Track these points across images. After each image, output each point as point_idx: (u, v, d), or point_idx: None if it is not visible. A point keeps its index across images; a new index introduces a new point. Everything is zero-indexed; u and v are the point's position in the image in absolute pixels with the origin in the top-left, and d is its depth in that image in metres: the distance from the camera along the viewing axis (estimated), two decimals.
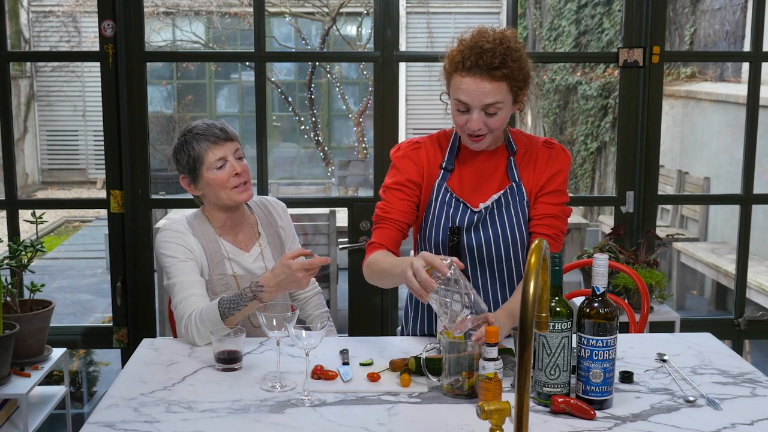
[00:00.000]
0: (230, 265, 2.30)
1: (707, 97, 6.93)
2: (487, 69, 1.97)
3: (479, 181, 2.15)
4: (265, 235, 2.40)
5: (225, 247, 2.32)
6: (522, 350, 1.33)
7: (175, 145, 2.31)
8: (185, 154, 2.27)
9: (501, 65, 1.98)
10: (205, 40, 11.75)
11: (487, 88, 1.98)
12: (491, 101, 1.99)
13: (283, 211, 2.49)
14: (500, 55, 1.97)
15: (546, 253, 1.46)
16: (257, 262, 2.35)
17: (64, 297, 6.62)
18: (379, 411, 1.72)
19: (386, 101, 3.35)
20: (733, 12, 7.17)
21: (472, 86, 1.99)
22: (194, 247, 2.26)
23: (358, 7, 10.86)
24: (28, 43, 11.89)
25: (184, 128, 2.33)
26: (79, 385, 4.51)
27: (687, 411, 1.73)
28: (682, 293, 6.19)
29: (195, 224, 2.31)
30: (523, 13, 10.60)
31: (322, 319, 2.50)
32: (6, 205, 3.37)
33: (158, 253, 2.26)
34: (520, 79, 2.02)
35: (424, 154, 2.18)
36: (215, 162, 2.25)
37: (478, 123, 2.02)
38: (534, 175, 2.15)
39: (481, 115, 2.02)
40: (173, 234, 2.26)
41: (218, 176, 2.25)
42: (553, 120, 9.74)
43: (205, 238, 2.29)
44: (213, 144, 2.25)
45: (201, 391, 1.82)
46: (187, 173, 2.30)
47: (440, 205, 2.14)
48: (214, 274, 2.28)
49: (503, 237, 2.12)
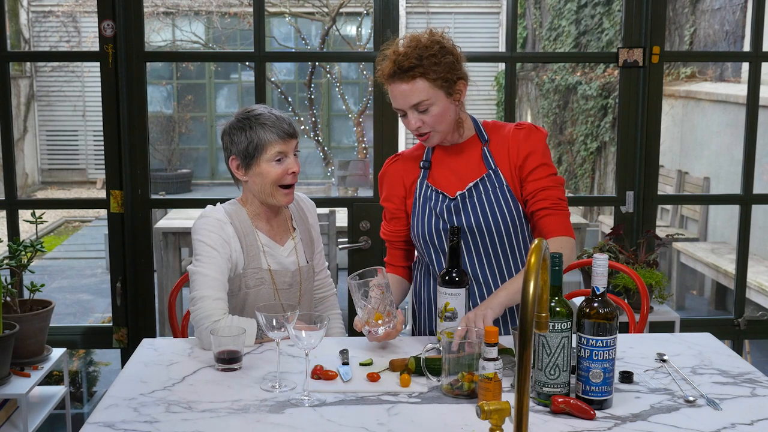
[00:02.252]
0: (265, 258, 2.28)
1: (707, 97, 6.93)
2: (403, 72, 2.08)
3: (456, 173, 2.21)
4: (299, 230, 2.40)
5: (260, 239, 2.29)
6: (522, 350, 1.33)
7: (233, 124, 2.25)
8: (246, 139, 2.22)
9: (415, 65, 2.06)
10: (205, 40, 11.76)
11: (406, 90, 2.09)
12: (416, 101, 2.09)
13: (314, 209, 2.49)
14: (413, 57, 2.06)
15: (546, 253, 1.46)
16: (291, 257, 2.34)
17: (64, 297, 6.62)
18: (378, 411, 1.72)
19: (386, 101, 3.32)
20: (732, 12, 7.17)
21: (396, 91, 2.11)
22: (231, 241, 2.23)
23: (358, 7, 10.86)
24: (28, 43, 11.90)
25: (246, 111, 2.27)
26: (79, 385, 4.51)
27: (687, 411, 1.73)
28: (681, 293, 6.19)
29: (233, 214, 2.28)
30: (523, 13, 10.60)
31: (323, 319, 2.50)
32: (6, 205, 3.37)
33: (194, 238, 2.22)
34: (440, 73, 2.07)
35: (401, 164, 2.31)
36: (275, 155, 2.22)
37: (415, 122, 2.12)
38: (509, 159, 2.18)
39: (415, 115, 2.11)
40: (215, 222, 2.23)
41: (275, 170, 2.23)
42: (553, 120, 9.74)
43: (242, 228, 2.27)
44: (279, 138, 2.22)
45: (201, 391, 1.82)
46: (240, 157, 2.24)
47: (423, 200, 2.23)
48: (249, 268, 2.26)
49: (484, 220, 2.16)
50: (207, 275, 2.16)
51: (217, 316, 2.11)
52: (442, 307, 2.02)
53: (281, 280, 2.30)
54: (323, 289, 2.52)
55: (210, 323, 2.09)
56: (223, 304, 2.15)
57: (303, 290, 2.36)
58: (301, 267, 2.35)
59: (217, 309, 2.12)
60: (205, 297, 2.13)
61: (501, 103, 11.27)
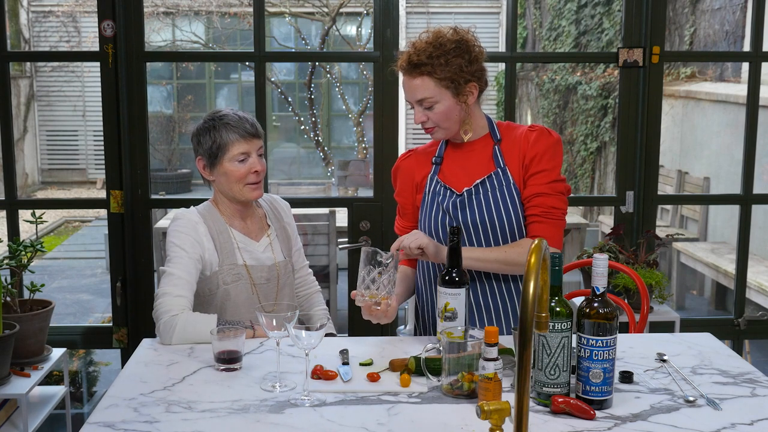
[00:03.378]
0: (240, 254, 2.32)
1: (707, 97, 6.93)
2: (411, 67, 2.11)
3: (465, 169, 2.23)
4: (273, 227, 2.44)
5: (235, 236, 2.34)
6: (522, 350, 1.33)
7: (200, 126, 2.32)
8: (210, 139, 2.28)
9: (423, 63, 2.08)
10: (205, 40, 11.75)
11: (413, 85, 2.12)
12: (420, 97, 2.12)
13: (288, 209, 2.54)
14: (425, 54, 2.08)
15: (546, 253, 1.46)
16: (266, 252, 2.38)
17: (64, 297, 6.62)
18: (378, 411, 1.72)
19: (386, 101, 3.35)
20: (732, 12, 7.17)
21: (405, 84, 2.15)
22: (204, 240, 2.27)
23: (358, 7, 10.86)
24: (28, 43, 11.90)
25: (213, 113, 2.33)
26: (79, 385, 4.51)
27: (687, 411, 1.73)
28: (681, 293, 6.19)
29: (206, 214, 2.33)
30: (523, 13, 10.60)
31: (323, 318, 2.51)
32: (6, 205, 3.37)
33: (168, 240, 2.27)
34: (447, 74, 2.08)
35: (413, 159, 2.32)
36: (238, 155, 2.28)
37: (419, 116, 2.15)
38: (518, 160, 2.19)
39: (420, 109, 2.14)
40: (187, 223, 2.28)
41: (238, 169, 2.28)
42: (553, 120, 9.75)
43: (215, 227, 2.31)
44: (241, 138, 2.28)
45: (201, 391, 1.82)
46: (206, 157, 2.31)
47: (432, 195, 2.24)
48: (225, 264, 2.29)
49: (489, 217, 2.17)
50: (173, 274, 2.21)
51: (175, 311, 2.14)
52: (442, 307, 2.02)
53: (258, 275, 2.34)
54: (305, 287, 2.57)
55: (168, 318, 2.13)
56: (185, 302, 2.18)
57: (281, 284, 2.39)
58: (278, 262, 2.39)
59: (177, 305, 2.16)
60: (167, 293, 2.18)
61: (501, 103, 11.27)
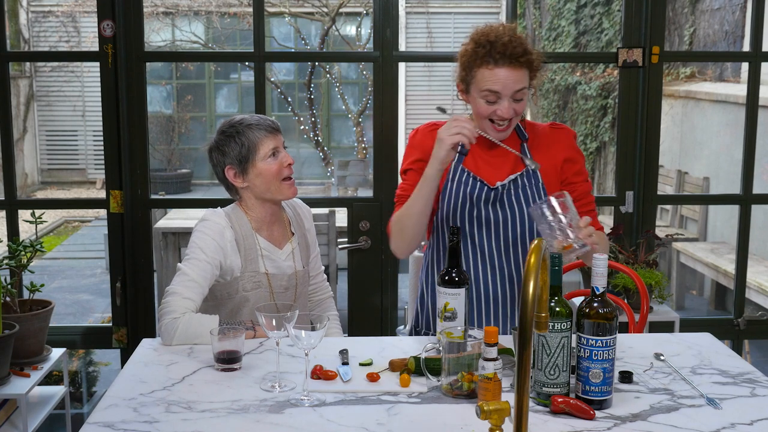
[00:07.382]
0: (263, 262, 2.31)
1: (707, 97, 6.93)
2: (513, 58, 2.10)
3: (492, 164, 2.23)
4: (296, 235, 2.42)
5: (260, 243, 2.32)
6: (521, 350, 1.33)
7: (219, 138, 2.29)
8: (237, 145, 2.26)
9: (523, 53, 2.11)
10: (205, 40, 11.75)
11: (515, 76, 2.11)
12: (519, 87, 2.12)
13: (310, 214, 2.52)
14: (519, 45, 2.11)
15: (546, 253, 1.46)
16: (288, 260, 2.36)
17: (64, 297, 6.62)
18: (378, 411, 1.72)
19: (386, 101, 3.35)
20: (732, 12, 7.17)
21: (503, 76, 2.10)
22: (228, 247, 2.25)
23: (358, 7, 10.85)
24: (28, 43, 11.89)
25: (228, 122, 2.31)
26: (79, 385, 4.51)
27: (686, 411, 1.73)
28: (681, 293, 6.19)
29: (233, 218, 2.31)
30: (522, 13, 10.60)
31: (323, 319, 2.51)
32: (5, 205, 3.37)
33: (192, 238, 2.25)
34: (537, 64, 2.16)
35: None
36: (269, 151, 2.27)
37: (509, 110, 2.12)
38: (548, 159, 2.22)
39: (510, 103, 2.12)
40: (214, 227, 2.25)
41: (272, 166, 2.27)
42: (553, 120, 9.75)
43: (242, 232, 2.29)
44: (268, 133, 2.27)
45: (200, 392, 1.82)
46: (236, 164, 2.28)
47: (457, 183, 2.21)
48: (247, 271, 2.28)
49: (521, 216, 2.19)
50: (187, 274, 2.19)
51: (177, 313, 2.12)
52: (441, 307, 2.02)
53: (278, 284, 2.33)
54: (320, 292, 2.56)
55: (170, 320, 2.12)
56: (191, 304, 2.16)
57: (298, 294, 2.39)
58: (298, 271, 2.38)
59: (181, 306, 2.14)
60: (176, 293, 2.16)
61: None
